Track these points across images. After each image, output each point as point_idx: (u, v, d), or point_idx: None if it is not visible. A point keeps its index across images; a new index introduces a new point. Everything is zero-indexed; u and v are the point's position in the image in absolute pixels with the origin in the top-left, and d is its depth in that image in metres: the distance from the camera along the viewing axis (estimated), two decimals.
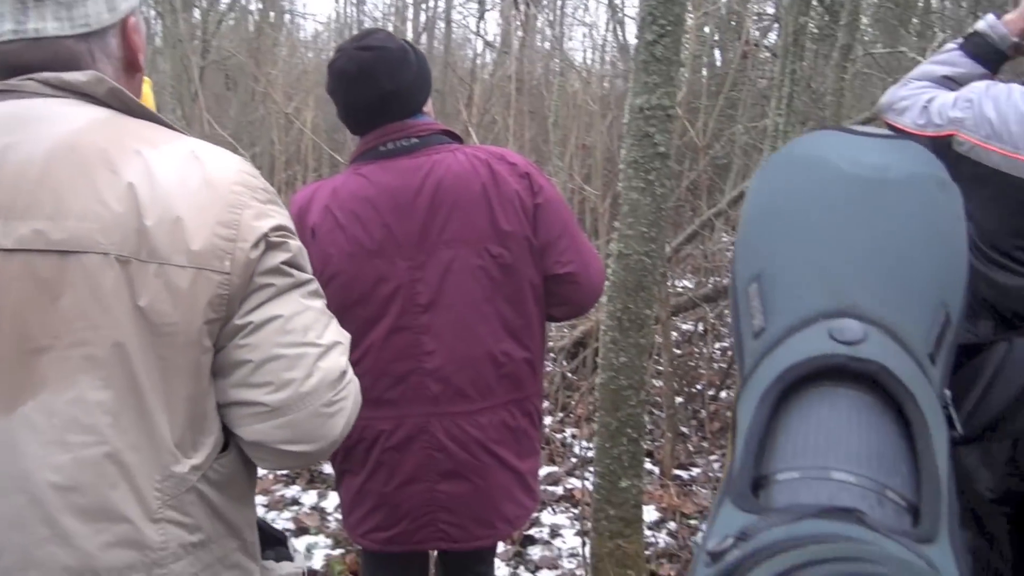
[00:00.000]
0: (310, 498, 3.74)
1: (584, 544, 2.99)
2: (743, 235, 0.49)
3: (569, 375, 4.83)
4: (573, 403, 4.50)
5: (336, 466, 1.86)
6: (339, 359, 1.17)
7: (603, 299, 2.74)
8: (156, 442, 1.05)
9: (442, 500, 1.77)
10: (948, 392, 0.43)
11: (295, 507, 3.66)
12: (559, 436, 4.36)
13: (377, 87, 1.70)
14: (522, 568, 3.26)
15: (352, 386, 1.19)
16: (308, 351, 1.12)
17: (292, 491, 3.80)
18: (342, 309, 1.69)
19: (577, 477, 3.63)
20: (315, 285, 1.19)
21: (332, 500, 3.72)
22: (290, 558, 1.30)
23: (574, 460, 3.95)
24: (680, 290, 5.22)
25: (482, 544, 1.85)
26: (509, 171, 1.74)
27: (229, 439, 1.15)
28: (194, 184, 1.06)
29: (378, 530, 1.80)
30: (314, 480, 3.91)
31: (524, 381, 1.82)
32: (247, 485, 1.20)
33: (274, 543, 1.28)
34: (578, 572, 3.20)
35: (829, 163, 0.44)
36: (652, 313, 2.58)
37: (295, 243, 1.15)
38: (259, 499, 3.69)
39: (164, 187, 1.04)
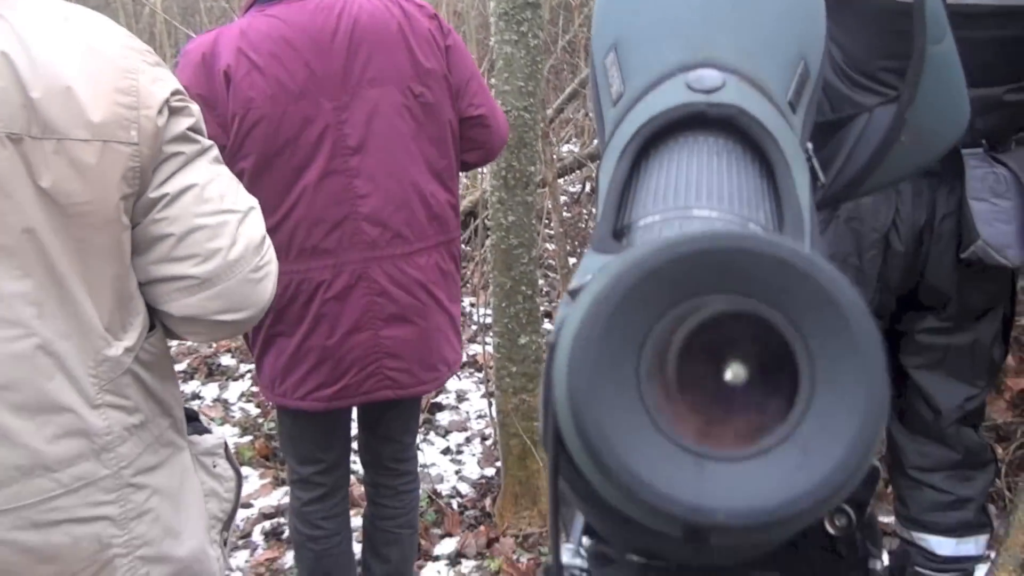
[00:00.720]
0: (211, 391, 3.69)
1: (490, 404, 3.07)
2: (597, 11, 0.48)
3: (462, 246, 4.83)
4: (468, 273, 4.52)
5: (263, 333, 1.80)
6: (258, 223, 1.15)
7: None
8: (85, 328, 1.03)
9: (387, 346, 1.76)
10: (810, 144, 0.44)
11: (196, 401, 3.62)
12: None
13: None
14: (432, 433, 3.34)
15: (272, 250, 1.18)
16: (228, 218, 1.10)
17: (191, 386, 3.74)
18: (269, 157, 1.66)
19: (479, 343, 3.69)
20: (216, 151, 1.16)
21: (233, 391, 3.68)
22: (207, 431, 1.30)
23: (474, 327, 4.00)
24: (565, 155, 5.23)
25: (427, 388, 1.88)
26: (418, 11, 1.73)
27: (153, 318, 1.13)
28: (78, 50, 0.99)
29: (322, 387, 1.78)
30: (212, 373, 3.85)
31: (449, 223, 1.84)
32: (171, 363, 1.20)
33: (189, 420, 1.28)
34: (487, 431, 3.30)
35: None
36: (536, 170, 2.58)
37: (195, 107, 1.12)
38: None
39: (44, 55, 0.96)
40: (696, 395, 0.25)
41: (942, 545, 2.09)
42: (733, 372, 0.26)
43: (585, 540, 0.38)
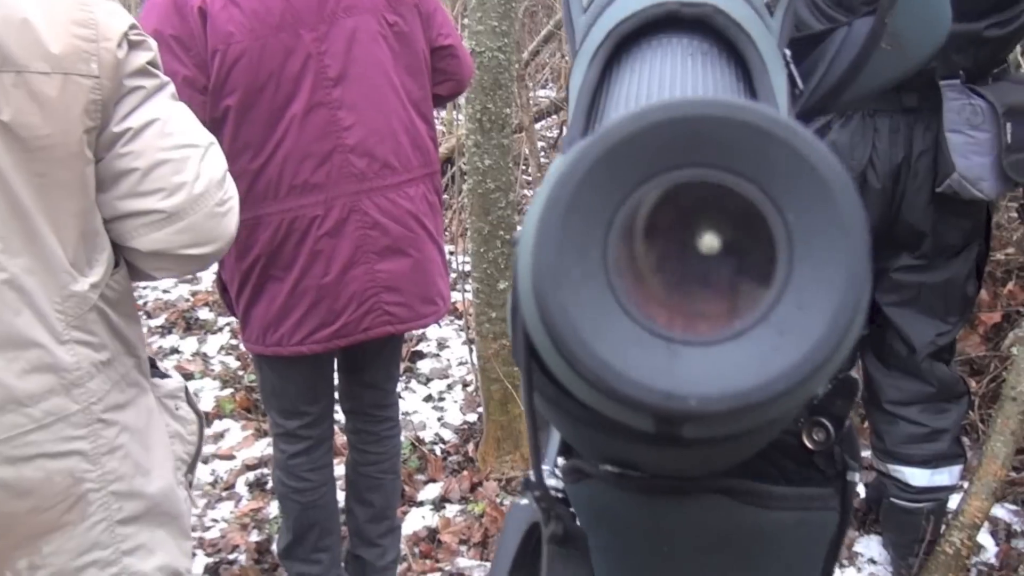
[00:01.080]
0: (189, 345, 3.67)
1: (471, 351, 3.07)
2: None
3: None
4: (447, 220, 4.49)
5: (252, 282, 1.78)
6: (219, 158, 1.16)
7: (461, 101, 2.68)
8: (51, 263, 1.03)
9: (383, 279, 1.76)
10: (788, 51, 0.42)
11: (176, 355, 3.59)
12: None
13: None
14: (414, 381, 3.35)
15: (233, 185, 1.19)
16: (191, 153, 1.10)
17: (170, 340, 3.72)
18: (253, 92, 1.64)
19: (458, 290, 3.68)
20: (173, 87, 1.16)
21: (212, 344, 3.66)
22: (167, 376, 1.31)
23: (453, 275, 3.99)
24: (541, 99, 5.17)
25: (426, 322, 1.88)
26: None
27: (117, 255, 1.14)
28: None
29: (321, 327, 1.76)
30: (191, 327, 3.83)
31: (431, 155, 1.84)
32: (134, 303, 1.21)
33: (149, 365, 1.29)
34: (468, 377, 3.31)
35: None
36: (512, 112, 2.54)
37: (152, 42, 1.12)
38: None
39: None
40: (667, 277, 0.24)
41: (916, 476, 2.13)
42: (706, 242, 0.24)
43: (560, 460, 0.37)
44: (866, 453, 2.32)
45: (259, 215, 1.71)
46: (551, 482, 0.37)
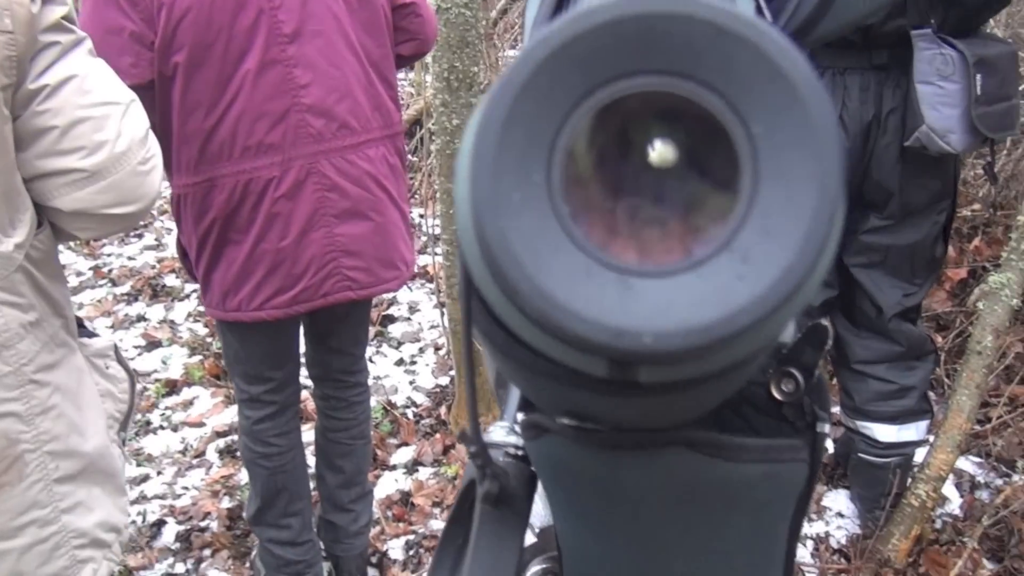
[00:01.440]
0: (156, 312, 3.62)
1: (442, 314, 3.05)
2: None
3: (409, 156, 4.74)
4: (416, 183, 4.45)
5: (210, 245, 1.73)
6: (140, 115, 1.13)
7: (428, 60, 2.64)
8: None
9: (343, 243, 1.71)
10: None
11: (142, 323, 3.54)
12: None
13: None
14: (385, 346, 3.33)
15: (156, 143, 1.16)
16: (111, 110, 1.07)
17: (136, 308, 3.66)
18: (202, 48, 1.58)
19: (429, 254, 3.65)
20: (91, 43, 1.12)
21: (179, 311, 3.61)
22: (95, 335, 1.31)
23: (424, 239, 3.96)
24: (511, 59, 5.10)
25: (388, 287, 1.83)
26: None
27: (40, 215, 1.12)
28: None
29: (280, 293, 1.72)
30: (157, 294, 3.77)
31: (392, 116, 1.79)
32: (59, 262, 1.20)
33: (77, 325, 1.28)
34: (440, 340, 3.29)
35: None
36: (479, 71, 2.50)
37: None
38: (103, 320, 3.53)
39: None
40: (619, 201, 0.22)
41: (884, 432, 2.15)
42: (660, 154, 0.22)
43: (520, 416, 0.35)
44: (835, 409, 2.35)
45: (213, 176, 1.66)
46: (511, 439, 0.35)
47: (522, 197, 0.21)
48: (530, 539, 0.45)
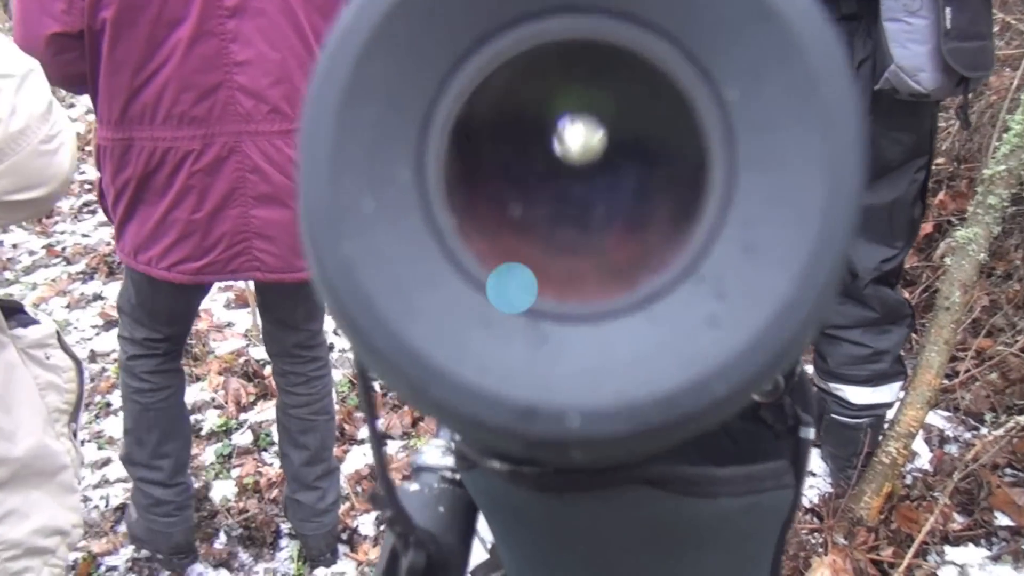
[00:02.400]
0: (113, 290, 3.51)
1: None
2: None
3: None
4: None
5: (125, 200, 1.69)
6: (41, 87, 1.02)
7: None
8: None
9: (257, 226, 1.67)
10: None
11: (99, 302, 3.44)
12: None
13: None
14: None
15: (64, 116, 1.06)
16: (3, 84, 0.97)
17: (92, 287, 3.56)
18: (129, 9, 1.51)
19: None
20: None
21: None
22: (35, 322, 1.21)
23: None
24: None
25: (301, 276, 1.77)
26: None
27: None
28: None
29: (187, 260, 1.69)
30: (113, 272, 3.66)
31: None
32: None
33: (13, 313, 1.19)
34: None
35: None
36: None
37: None
38: (58, 300, 3.43)
39: None
40: (525, 206, 0.15)
41: (857, 394, 2.14)
42: (583, 137, 0.14)
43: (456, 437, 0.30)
44: (808, 369, 2.33)
45: (132, 137, 1.62)
46: (446, 461, 0.30)
47: (379, 206, 0.14)
48: (482, 555, 0.40)
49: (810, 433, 0.30)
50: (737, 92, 0.14)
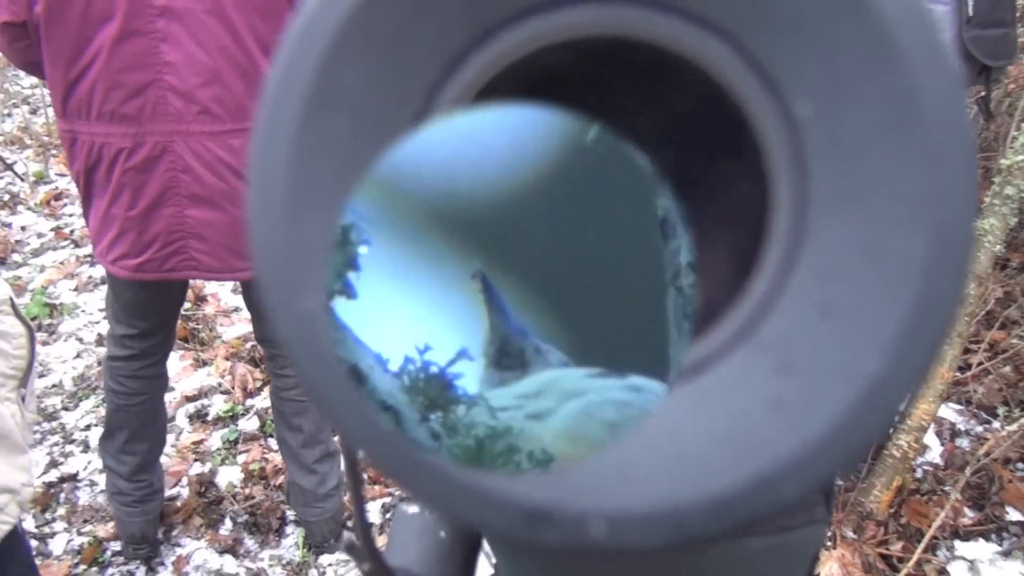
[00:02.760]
0: None
1: None
2: None
3: None
4: None
5: (82, 189, 1.74)
6: None
7: None
8: None
9: (191, 226, 1.69)
10: None
11: (106, 286, 3.43)
12: None
13: None
14: None
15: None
16: None
17: (100, 270, 3.54)
18: (58, 5, 1.52)
19: None
20: None
21: None
22: None
23: None
24: None
25: (240, 276, 1.79)
26: None
27: None
28: None
29: (127, 257, 1.72)
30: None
31: None
32: None
33: None
34: None
35: None
36: None
37: None
38: (67, 283, 3.43)
39: None
40: (537, 252, 0.11)
41: None
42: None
43: None
44: None
45: (75, 130, 1.65)
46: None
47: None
48: (487, 570, 0.38)
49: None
50: (811, 108, 0.10)
